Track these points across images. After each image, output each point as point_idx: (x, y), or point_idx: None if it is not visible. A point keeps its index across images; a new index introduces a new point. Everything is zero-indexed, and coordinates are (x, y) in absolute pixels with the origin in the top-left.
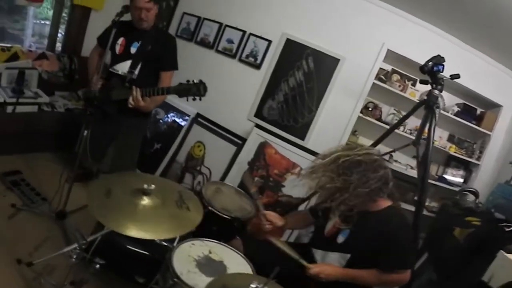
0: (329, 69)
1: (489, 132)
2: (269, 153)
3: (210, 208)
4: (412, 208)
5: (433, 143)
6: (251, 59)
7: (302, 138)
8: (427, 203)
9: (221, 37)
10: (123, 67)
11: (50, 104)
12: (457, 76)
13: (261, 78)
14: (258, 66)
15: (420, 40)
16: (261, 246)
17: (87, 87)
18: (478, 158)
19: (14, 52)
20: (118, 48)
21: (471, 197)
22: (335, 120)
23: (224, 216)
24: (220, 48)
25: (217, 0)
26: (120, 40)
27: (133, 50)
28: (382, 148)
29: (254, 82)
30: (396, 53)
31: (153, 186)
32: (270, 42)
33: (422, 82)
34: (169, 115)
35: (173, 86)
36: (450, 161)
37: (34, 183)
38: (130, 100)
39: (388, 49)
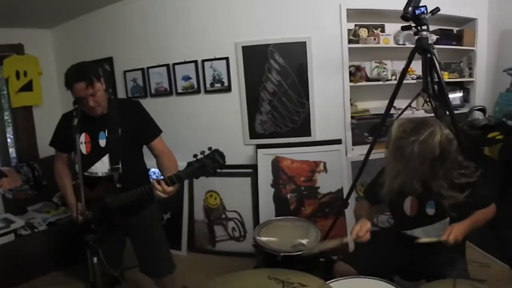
0: (300, 55)
1: (472, 48)
2: (286, 166)
3: (282, 254)
4: None
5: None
6: (218, 85)
7: (309, 134)
8: None
9: (175, 78)
10: (102, 167)
11: (28, 225)
12: (437, 9)
13: (237, 98)
14: (228, 89)
15: None
16: (367, 253)
17: (71, 215)
18: (471, 75)
19: None
20: (84, 148)
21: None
22: (330, 101)
23: (300, 253)
24: (180, 90)
25: (151, 44)
26: (83, 137)
27: (102, 142)
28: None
29: (232, 105)
30: (356, 9)
31: None
32: (227, 59)
33: (404, 28)
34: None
35: (183, 170)
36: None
37: None
38: (160, 194)
39: (347, 9)
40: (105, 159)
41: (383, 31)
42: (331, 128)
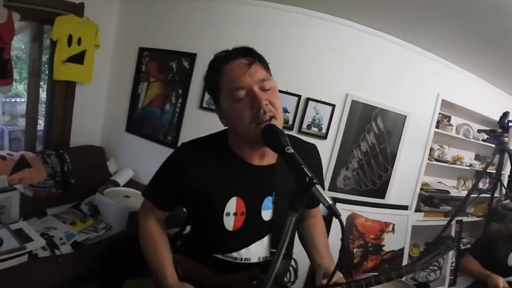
0: (398, 126)
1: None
2: (360, 223)
3: None
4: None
5: None
6: (315, 129)
7: (382, 196)
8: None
9: None
10: (259, 249)
11: (47, 243)
12: None
13: (330, 148)
14: (324, 136)
15: (462, 86)
16: None
17: None
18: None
19: None
20: (232, 222)
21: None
22: (408, 172)
23: None
24: None
25: None
26: (233, 204)
27: (266, 214)
28: (448, 181)
29: (322, 153)
30: (448, 102)
31: None
32: (334, 106)
33: (491, 131)
34: None
35: (420, 263)
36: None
37: None
38: None
39: (442, 99)
40: (266, 239)
41: (449, 121)
42: (401, 195)
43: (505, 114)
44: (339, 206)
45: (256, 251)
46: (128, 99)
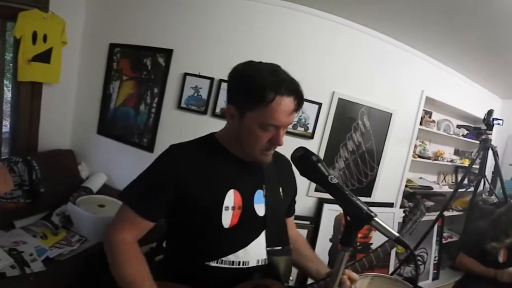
0: (384, 124)
1: None
2: None
3: None
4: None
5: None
6: (301, 129)
7: (369, 195)
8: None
9: None
10: (257, 251)
11: (16, 260)
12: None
13: (316, 148)
14: (310, 136)
15: (446, 83)
16: None
17: None
18: None
19: None
20: (230, 217)
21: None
22: (393, 169)
23: None
24: None
25: (235, 53)
26: (231, 198)
27: (260, 208)
28: (429, 177)
29: None
30: (431, 98)
31: None
32: (320, 104)
33: (476, 129)
34: None
35: (405, 228)
36: (458, 169)
37: None
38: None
39: (426, 96)
40: (262, 238)
41: (430, 117)
42: (387, 192)
43: (490, 112)
44: (326, 207)
45: (254, 252)
46: (99, 99)
